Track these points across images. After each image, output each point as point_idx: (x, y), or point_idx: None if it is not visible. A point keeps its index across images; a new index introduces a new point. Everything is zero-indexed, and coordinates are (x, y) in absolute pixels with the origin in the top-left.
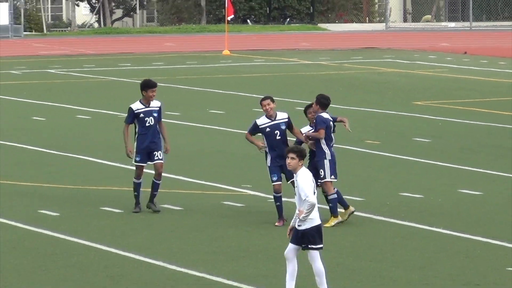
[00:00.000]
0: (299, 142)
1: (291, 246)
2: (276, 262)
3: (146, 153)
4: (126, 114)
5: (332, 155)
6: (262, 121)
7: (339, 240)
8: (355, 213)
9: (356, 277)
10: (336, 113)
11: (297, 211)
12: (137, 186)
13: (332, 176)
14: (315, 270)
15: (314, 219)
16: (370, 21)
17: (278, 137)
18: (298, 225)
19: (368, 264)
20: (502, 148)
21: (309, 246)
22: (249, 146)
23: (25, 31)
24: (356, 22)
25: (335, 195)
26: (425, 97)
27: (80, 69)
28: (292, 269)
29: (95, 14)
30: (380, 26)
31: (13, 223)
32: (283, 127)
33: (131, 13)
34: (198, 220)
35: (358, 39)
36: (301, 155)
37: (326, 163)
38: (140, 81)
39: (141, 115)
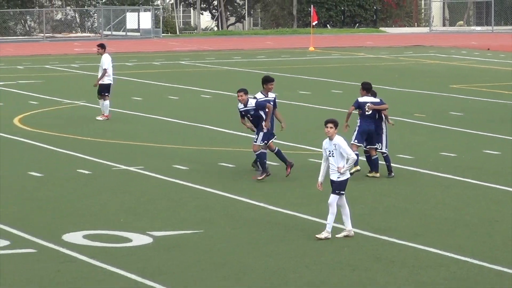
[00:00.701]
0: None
1: (333, 195)
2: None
3: (268, 134)
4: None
5: (361, 126)
6: (239, 106)
7: (394, 187)
8: (406, 167)
9: (407, 215)
10: (393, 94)
11: (336, 167)
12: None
13: (356, 141)
14: (345, 211)
15: (347, 173)
16: (418, 26)
17: (251, 118)
18: (338, 178)
19: (416, 206)
20: None
21: (342, 192)
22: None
23: (163, 33)
24: (407, 26)
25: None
26: (459, 82)
27: (203, 61)
28: (334, 212)
29: (215, 20)
30: (425, 29)
31: (153, 174)
32: (252, 112)
33: (242, 19)
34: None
35: (409, 39)
36: (337, 125)
37: (356, 131)
38: (248, 70)
39: (262, 103)
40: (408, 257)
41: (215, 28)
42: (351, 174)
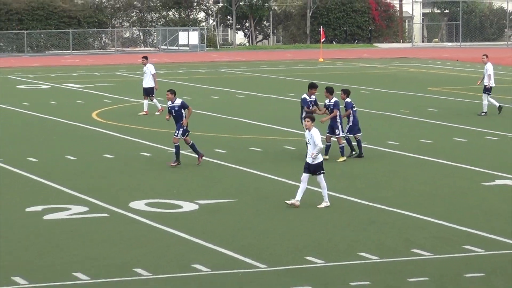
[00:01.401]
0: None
1: (305, 174)
2: None
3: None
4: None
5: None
6: (168, 103)
7: (383, 167)
8: (393, 150)
9: (395, 189)
10: (384, 94)
11: (310, 153)
12: None
13: (343, 133)
14: (323, 185)
15: (320, 157)
16: (403, 42)
17: (174, 114)
18: (312, 161)
19: (401, 181)
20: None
21: (319, 172)
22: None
23: (206, 47)
24: (395, 42)
25: (343, 145)
26: (434, 85)
27: (237, 69)
28: (303, 187)
29: (247, 38)
30: (408, 45)
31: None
32: (176, 108)
33: (267, 37)
34: None
35: (396, 52)
36: (313, 119)
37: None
38: (272, 76)
39: (308, 103)
40: (396, 220)
41: (247, 44)
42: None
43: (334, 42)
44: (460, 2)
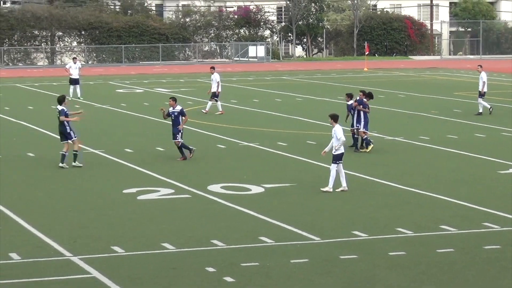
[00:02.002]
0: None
1: (332, 164)
2: None
3: (181, 133)
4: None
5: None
6: (169, 109)
7: (415, 156)
8: (425, 144)
9: (420, 173)
10: (416, 99)
11: (334, 145)
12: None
13: (364, 129)
14: (343, 173)
15: (341, 149)
16: (433, 54)
17: (173, 118)
18: (334, 152)
19: (426, 168)
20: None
21: (339, 162)
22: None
23: (271, 59)
24: (426, 55)
25: (367, 138)
26: (459, 90)
27: (297, 77)
28: (334, 174)
29: (304, 51)
30: (438, 57)
31: (265, 148)
32: (176, 114)
33: (321, 50)
34: None
35: (427, 63)
36: (334, 118)
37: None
38: (325, 83)
39: (361, 106)
40: (427, 201)
41: (304, 56)
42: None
43: (376, 54)
44: (480, 22)
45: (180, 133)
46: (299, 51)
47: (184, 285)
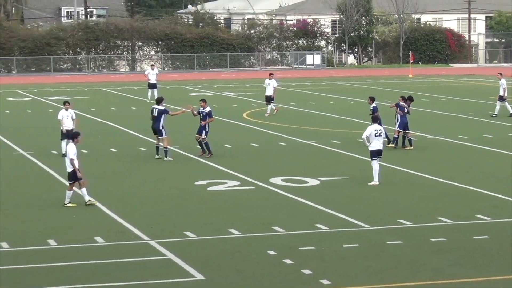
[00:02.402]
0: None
1: (372, 160)
2: None
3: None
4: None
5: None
6: (200, 109)
7: (454, 153)
8: (462, 142)
9: (458, 168)
10: (455, 102)
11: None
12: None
13: (399, 128)
14: (379, 169)
15: (375, 145)
16: (471, 62)
17: (201, 117)
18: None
19: (463, 163)
20: None
21: (374, 158)
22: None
23: (326, 66)
24: (465, 63)
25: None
26: (494, 95)
27: (349, 82)
28: (376, 167)
29: (356, 59)
30: (475, 65)
31: (318, 145)
32: (204, 114)
33: (371, 58)
34: None
35: (465, 70)
36: (372, 119)
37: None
38: (374, 88)
39: (405, 109)
40: (464, 193)
41: (356, 63)
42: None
43: (420, 62)
44: None
45: (205, 132)
46: (351, 59)
47: (248, 266)
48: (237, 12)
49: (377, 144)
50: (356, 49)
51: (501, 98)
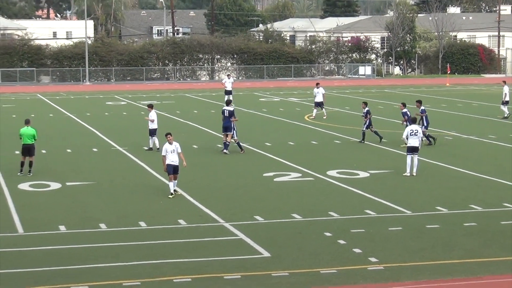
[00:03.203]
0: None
1: (407, 155)
2: None
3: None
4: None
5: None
6: (223, 108)
7: (485, 150)
8: (492, 141)
9: (489, 163)
10: (486, 107)
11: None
12: None
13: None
14: (413, 163)
15: (411, 142)
16: (500, 73)
17: (226, 116)
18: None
19: (493, 159)
20: None
21: (409, 153)
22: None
23: (376, 76)
24: (494, 74)
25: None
26: None
27: (395, 90)
28: (410, 161)
29: (401, 70)
30: (503, 75)
31: (366, 142)
32: (226, 114)
33: (414, 70)
34: None
35: (495, 80)
36: (413, 121)
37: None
38: (415, 94)
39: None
40: (494, 185)
41: (401, 74)
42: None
43: (455, 73)
44: None
45: (234, 130)
46: (397, 70)
47: (307, 246)
48: (301, 30)
49: (412, 141)
50: (401, 62)
51: (504, 103)
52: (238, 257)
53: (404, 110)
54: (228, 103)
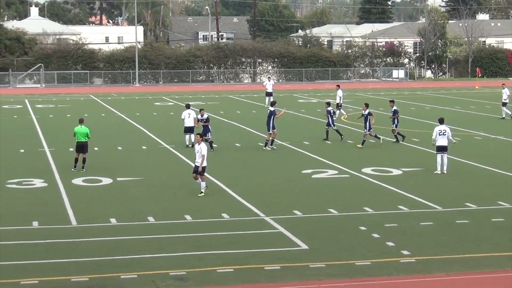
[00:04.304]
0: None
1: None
2: None
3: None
4: None
5: None
6: (270, 108)
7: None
8: (505, 138)
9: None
10: None
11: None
12: None
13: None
14: (442, 161)
15: (439, 142)
16: None
17: (268, 114)
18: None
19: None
20: None
21: (438, 152)
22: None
23: (409, 79)
24: None
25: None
26: None
27: (427, 92)
28: (440, 160)
29: (432, 73)
30: None
31: (404, 143)
32: (268, 113)
33: (445, 73)
34: None
35: None
36: (438, 121)
37: None
38: (445, 96)
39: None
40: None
41: (432, 77)
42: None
43: (484, 76)
44: None
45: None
46: (428, 74)
47: (343, 239)
48: (338, 35)
49: (440, 141)
50: (433, 66)
51: (504, 104)
52: (278, 249)
53: (329, 108)
54: (273, 104)
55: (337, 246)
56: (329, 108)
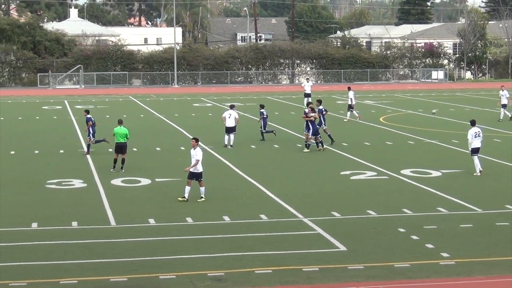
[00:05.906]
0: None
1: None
2: None
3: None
4: None
5: None
6: (305, 111)
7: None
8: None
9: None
10: None
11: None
12: None
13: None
14: (480, 162)
15: (473, 144)
16: None
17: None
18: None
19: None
20: None
21: (473, 154)
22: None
23: (448, 80)
24: None
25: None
26: None
27: (466, 93)
28: (477, 162)
29: (472, 74)
30: None
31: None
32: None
33: (485, 74)
34: None
35: None
36: (470, 123)
37: None
38: (478, 97)
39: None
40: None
41: (472, 78)
42: None
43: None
44: None
45: (308, 130)
46: (468, 75)
47: (382, 240)
48: (377, 36)
49: (476, 143)
50: (473, 67)
51: (504, 106)
52: (316, 251)
53: (320, 107)
54: (308, 105)
55: (375, 248)
56: (321, 107)
